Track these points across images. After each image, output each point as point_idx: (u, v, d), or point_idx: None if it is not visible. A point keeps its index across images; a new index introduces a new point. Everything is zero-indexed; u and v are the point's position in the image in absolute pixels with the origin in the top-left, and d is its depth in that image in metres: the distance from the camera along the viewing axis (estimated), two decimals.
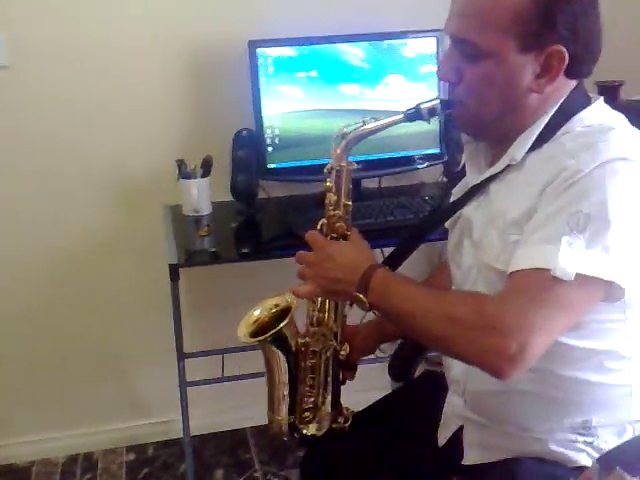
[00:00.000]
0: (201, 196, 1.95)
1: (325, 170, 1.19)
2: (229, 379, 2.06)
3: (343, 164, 1.17)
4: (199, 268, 1.95)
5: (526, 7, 1.00)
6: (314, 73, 1.94)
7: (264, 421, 1.34)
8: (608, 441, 1.10)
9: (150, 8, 1.96)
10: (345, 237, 1.18)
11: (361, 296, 1.06)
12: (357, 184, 2.08)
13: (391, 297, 1.06)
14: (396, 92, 1.99)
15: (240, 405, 2.25)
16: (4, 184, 2.01)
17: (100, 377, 2.22)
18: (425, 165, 1.99)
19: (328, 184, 1.19)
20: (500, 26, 1.01)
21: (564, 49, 1.02)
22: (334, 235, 1.18)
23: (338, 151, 1.16)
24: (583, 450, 1.10)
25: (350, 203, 1.19)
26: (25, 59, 1.93)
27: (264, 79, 1.91)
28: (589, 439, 1.10)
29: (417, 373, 1.49)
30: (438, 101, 1.12)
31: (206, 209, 1.97)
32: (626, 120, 1.09)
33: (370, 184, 2.15)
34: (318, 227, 1.19)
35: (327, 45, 1.94)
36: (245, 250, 1.72)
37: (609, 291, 0.99)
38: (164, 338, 1.95)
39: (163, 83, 2.02)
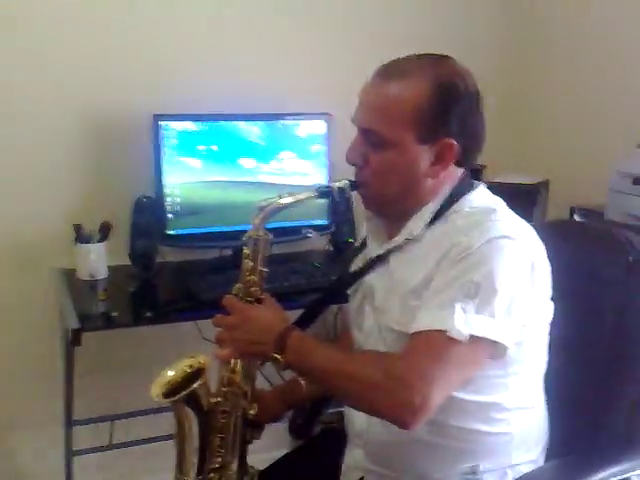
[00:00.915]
0: (98, 260, 1.96)
1: (243, 238, 1.27)
2: (117, 446, 2.03)
3: (260, 234, 1.26)
4: (92, 332, 1.94)
5: (424, 106, 1.16)
6: (214, 147, 2.05)
7: None
8: None
9: (59, 74, 1.98)
10: (259, 301, 1.25)
11: (278, 356, 1.14)
12: None
13: (306, 357, 1.14)
14: (289, 167, 2.14)
15: (129, 474, 2.21)
16: None
17: None
18: (316, 235, 2.13)
19: (245, 251, 1.27)
20: (401, 120, 1.17)
21: (455, 142, 1.19)
22: (249, 299, 1.25)
23: (256, 222, 1.25)
24: None
25: (266, 270, 1.27)
26: None
27: (167, 150, 1.99)
28: None
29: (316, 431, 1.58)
30: (347, 182, 1.25)
31: (102, 273, 1.98)
32: (503, 202, 1.27)
33: None
34: (234, 292, 1.27)
35: (227, 122, 2.06)
36: (148, 314, 1.75)
37: (494, 350, 1.14)
38: (50, 405, 1.91)
39: (66, 147, 2.04)
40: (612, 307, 1.35)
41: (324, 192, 1.26)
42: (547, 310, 1.26)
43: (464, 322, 1.09)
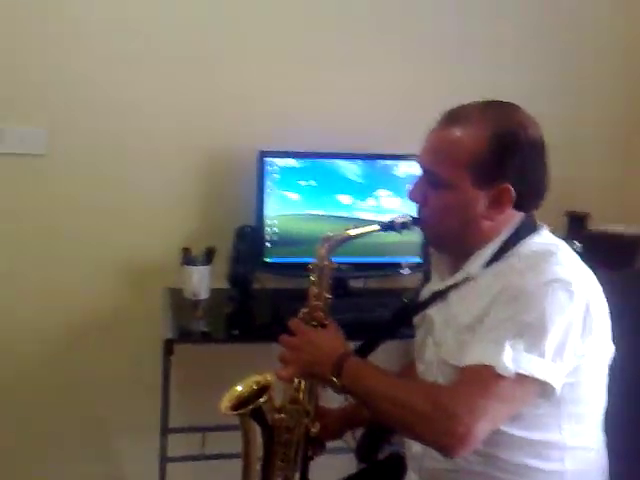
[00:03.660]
0: (201, 282, 2.13)
1: (310, 266, 1.38)
2: (209, 457, 2.17)
3: (326, 263, 1.36)
4: (191, 347, 2.10)
5: (482, 151, 1.22)
6: (313, 182, 2.18)
7: None
8: None
9: (178, 117, 2.21)
10: (323, 325, 1.35)
11: (335, 379, 1.22)
12: (345, 283, 2.28)
13: (360, 382, 1.21)
14: (385, 205, 2.23)
15: None
16: (32, 258, 2.21)
17: (83, 447, 2.32)
18: (409, 272, 2.19)
19: (312, 279, 1.37)
20: (459, 164, 1.23)
21: (512, 188, 1.23)
22: (314, 323, 1.35)
23: (322, 251, 1.36)
24: None
25: (330, 296, 1.37)
26: (60, 151, 2.17)
27: (269, 184, 2.15)
28: None
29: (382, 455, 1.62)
30: (409, 217, 1.33)
31: (204, 294, 2.15)
32: (567, 246, 1.29)
33: (357, 284, 2.35)
34: (300, 315, 1.37)
35: (327, 160, 2.20)
36: (235, 332, 1.89)
37: (543, 390, 1.16)
38: (148, 413, 2.08)
39: (179, 180, 2.26)
40: None
41: (387, 226, 1.34)
42: (605, 352, 1.26)
43: (512, 359, 1.12)
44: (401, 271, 2.21)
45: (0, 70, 2.10)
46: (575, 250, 1.30)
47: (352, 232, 1.36)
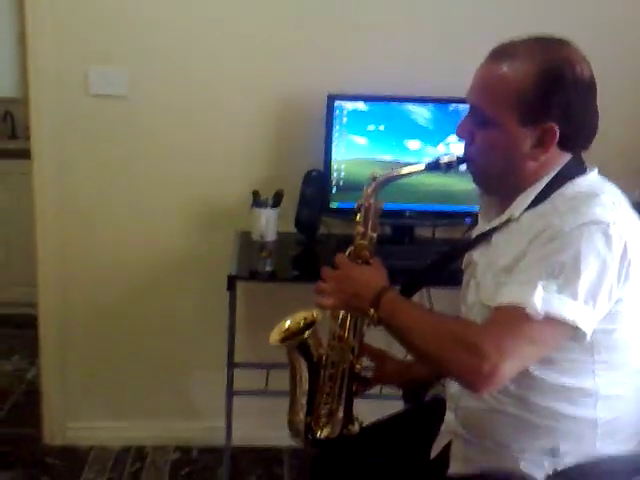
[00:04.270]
0: (269, 224, 2.19)
1: (356, 206, 1.39)
2: (272, 394, 2.24)
3: (371, 201, 1.37)
4: (256, 286, 2.19)
5: (527, 90, 1.18)
6: (382, 127, 2.16)
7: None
8: None
9: (247, 60, 2.25)
10: (368, 263, 1.36)
11: (372, 311, 1.24)
12: (411, 230, 2.28)
13: (395, 314, 1.22)
14: (455, 151, 2.17)
15: (280, 424, 2.43)
16: (112, 203, 2.34)
17: (159, 379, 2.48)
18: (470, 221, 2.15)
19: (358, 218, 1.38)
20: (504, 101, 1.20)
21: (556, 127, 1.19)
22: (359, 260, 1.36)
23: (369, 191, 1.37)
24: (548, 474, 1.23)
25: (375, 235, 1.37)
26: (141, 91, 2.26)
27: (337, 128, 2.15)
28: (555, 464, 1.23)
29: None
30: (455, 157, 1.31)
31: (271, 236, 2.20)
32: (613, 188, 1.23)
33: (425, 232, 2.34)
34: (347, 253, 1.38)
35: (397, 103, 2.16)
36: (296, 273, 1.95)
37: (574, 333, 1.13)
38: (218, 349, 2.16)
39: (250, 125, 2.30)
40: None
41: (433, 166, 1.32)
42: None
43: (542, 300, 1.10)
44: (466, 219, 2.19)
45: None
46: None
47: (398, 172, 1.35)
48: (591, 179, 1.25)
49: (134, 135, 2.30)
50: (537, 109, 1.19)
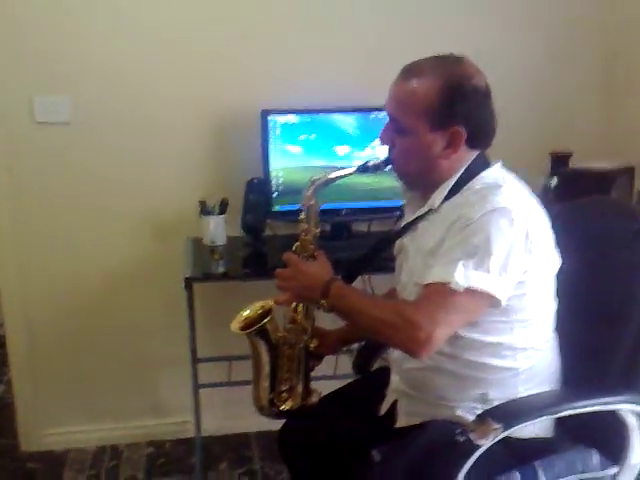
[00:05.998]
0: (217, 230, 2.40)
1: (299, 207, 1.62)
2: (235, 384, 2.44)
3: (312, 202, 1.60)
4: (212, 286, 2.41)
5: (434, 101, 1.42)
6: (313, 136, 2.41)
7: (267, 427, 1.71)
8: None
9: (186, 79, 2.46)
10: (313, 256, 1.59)
11: (323, 301, 1.46)
12: (348, 226, 2.53)
13: (343, 301, 1.44)
14: (381, 155, 2.43)
15: (245, 412, 2.64)
16: (65, 221, 2.51)
17: (127, 380, 2.65)
18: (398, 213, 2.41)
19: (302, 217, 1.61)
20: (416, 112, 1.44)
21: (462, 130, 1.44)
22: (305, 254, 1.59)
23: (309, 193, 1.59)
24: None
25: (317, 231, 1.61)
26: (83, 117, 2.43)
27: (272, 139, 2.38)
28: (486, 408, 1.45)
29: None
30: (380, 160, 1.56)
31: (221, 240, 2.41)
32: (515, 179, 1.50)
33: (361, 227, 2.60)
34: (293, 248, 1.61)
35: (324, 114, 2.41)
36: (247, 271, 2.17)
37: (492, 301, 1.38)
38: (181, 347, 2.35)
39: (192, 140, 2.51)
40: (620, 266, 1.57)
41: (363, 168, 1.57)
42: (549, 267, 1.48)
43: (463, 276, 1.34)
44: (395, 213, 2.44)
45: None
46: (549, 185, 1.50)
47: (332, 175, 1.59)
48: (494, 172, 1.49)
49: (81, 157, 2.46)
50: (444, 116, 1.43)
